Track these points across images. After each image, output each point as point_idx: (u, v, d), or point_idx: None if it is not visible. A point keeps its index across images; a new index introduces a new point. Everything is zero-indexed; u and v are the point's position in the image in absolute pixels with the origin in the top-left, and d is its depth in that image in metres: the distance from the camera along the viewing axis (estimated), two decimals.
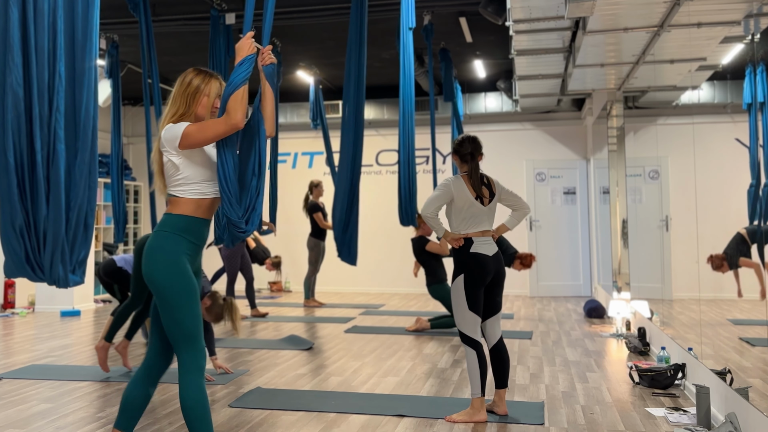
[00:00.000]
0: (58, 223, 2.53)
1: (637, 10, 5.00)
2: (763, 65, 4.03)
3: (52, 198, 2.54)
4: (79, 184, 2.61)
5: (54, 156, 2.54)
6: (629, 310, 7.04)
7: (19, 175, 2.51)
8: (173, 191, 2.72)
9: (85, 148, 2.64)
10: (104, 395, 4.52)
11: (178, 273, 2.60)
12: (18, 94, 2.49)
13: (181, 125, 2.68)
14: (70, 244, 2.60)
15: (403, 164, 6.43)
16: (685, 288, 5.99)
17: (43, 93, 2.54)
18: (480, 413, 3.86)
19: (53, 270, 2.57)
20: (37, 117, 2.52)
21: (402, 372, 5.19)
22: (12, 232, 2.52)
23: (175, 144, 2.64)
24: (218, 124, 2.63)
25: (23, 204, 2.53)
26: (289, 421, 3.90)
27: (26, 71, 2.51)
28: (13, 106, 2.48)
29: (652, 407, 4.13)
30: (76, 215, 2.60)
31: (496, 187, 4.11)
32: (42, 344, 6.44)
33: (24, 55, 2.51)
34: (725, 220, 5.00)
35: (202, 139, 2.63)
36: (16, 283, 9.14)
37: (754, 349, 4.52)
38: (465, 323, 3.92)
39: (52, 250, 2.55)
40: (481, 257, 3.92)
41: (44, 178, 2.54)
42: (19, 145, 2.50)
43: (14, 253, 2.55)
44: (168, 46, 8.45)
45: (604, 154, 8.61)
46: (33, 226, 2.54)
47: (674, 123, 6.32)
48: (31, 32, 2.51)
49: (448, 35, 7.84)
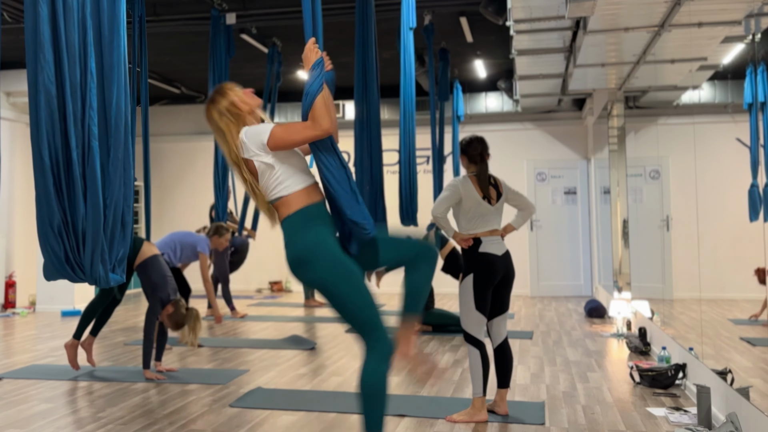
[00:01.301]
0: (96, 221, 2.49)
1: (637, 9, 5.00)
2: (764, 65, 4.02)
3: (89, 196, 2.50)
4: (114, 182, 2.58)
5: (89, 154, 2.51)
6: (630, 309, 7.03)
7: (56, 175, 2.48)
8: (278, 193, 2.66)
9: (117, 144, 2.60)
10: (104, 395, 4.52)
11: (336, 264, 2.57)
12: (51, 91, 2.45)
13: (264, 127, 2.66)
14: (108, 242, 2.57)
15: (403, 164, 6.43)
16: (685, 288, 5.98)
17: (76, 90, 2.51)
18: (481, 413, 3.86)
19: (93, 269, 2.53)
20: (71, 114, 2.48)
21: (402, 372, 5.19)
22: (51, 233, 2.48)
23: (262, 143, 2.62)
24: (306, 129, 2.60)
25: (60, 203, 2.49)
26: (289, 421, 3.90)
27: (58, 68, 2.48)
28: (46, 104, 2.44)
29: (652, 407, 4.12)
30: (113, 213, 2.57)
31: (503, 187, 4.12)
32: (43, 344, 6.44)
33: (55, 52, 2.48)
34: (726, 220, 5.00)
35: (290, 143, 2.62)
36: (17, 283, 9.15)
37: (755, 348, 4.52)
38: (470, 322, 3.92)
39: (92, 250, 2.51)
40: (490, 257, 3.92)
41: (81, 177, 2.50)
42: (54, 143, 2.47)
43: (54, 254, 2.50)
44: (168, 46, 8.44)
45: (604, 154, 8.61)
46: (71, 225, 2.50)
47: (675, 123, 6.32)
48: (61, 29, 2.48)
49: (449, 35, 7.84)
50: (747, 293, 4.69)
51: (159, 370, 5.09)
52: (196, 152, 11.50)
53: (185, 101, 11.64)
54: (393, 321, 2.77)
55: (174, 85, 10.62)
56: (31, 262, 9.28)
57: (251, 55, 8.44)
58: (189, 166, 11.74)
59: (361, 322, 2.61)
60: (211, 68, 6.68)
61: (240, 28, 7.47)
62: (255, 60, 8.77)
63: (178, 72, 10.09)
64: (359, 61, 4.78)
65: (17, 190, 9.36)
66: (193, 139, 11.68)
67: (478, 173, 4.05)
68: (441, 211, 3.97)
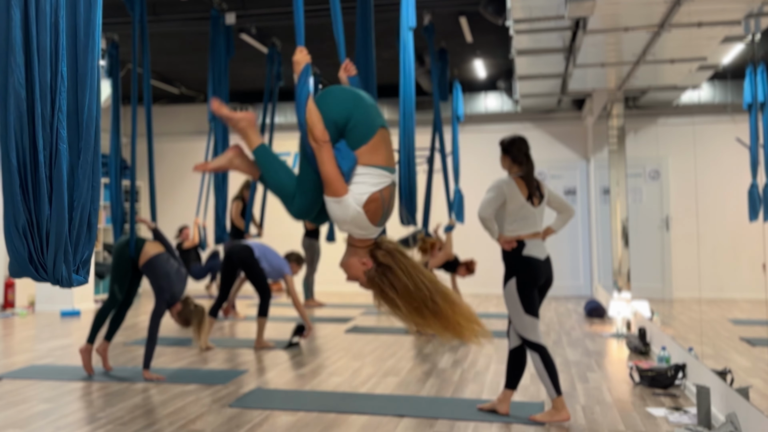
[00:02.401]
0: (61, 222, 2.54)
1: (637, 9, 5.00)
2: (764, 65, 4.02)
3: (54, 198, 2.55)
4: (82, 184, 2.62)
5: (56, 156, 2.56)
6: (630, 310, 7.03)
7: (22, 176, 2.53)
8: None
9: (88, 147, 2.64)
10: (104, 395, 4.52)
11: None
12: (20, 94, 2.50)
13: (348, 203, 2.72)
14: (73, 244, 2.61)
15: (403, 164, 6.42)
16: (685, 288, 5.99)
17: (46, 93, 2.55)
18: (561, 413, 3.83)
19: (56, 270, 2.57)
20: (40, 117, 2.53)
21: (402, 372, 5.19)
22: (15, 233, 2.53)
23: (353, 207, 2.69)
24: (317, 151, 2.68)
25: (26, 204, 2.54)
26: (289, 422, 3.90)
27: (28, 72, 2.53)
28: (15, 107, 2.50)
29: (652, 407, 4.12)
30: (79, 215, 2.61)
31: (545, 189, 4.08)
32: (42, 344, 6.44)
33: (26, 56, 2.52)
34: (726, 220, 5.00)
35: (325, 173, 2.68)
36: (16, 283, 9.14)
37: (755, 349, 4.52)
38: (524, 327, 3.88)
39: (55, 250, 2.55)
40: (533, 261, 3.89)
41: (47, 178, 2.55)
42: (22, 145, 2.52)
43: (18, 254, 2.56)
44: (168, 46, 8.44)
45: (604, 154, 8.61)
46: (36, 226, 2.55)
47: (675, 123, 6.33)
48: (33, 32, 2.52)
49: (449, 35, 7.84)
50: (747, 293, 4.70)
51: (147, 378, 4.98)
52: (196, 152, 11.45)
53: (185, 101, 11.64)
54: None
55: (174, 85, 10.62)
56: None
57: (251, 55, 8.44)
58: (188, 166, 11.69)
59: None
60: (210, 68, 6.68)
61: (240, 28, 7.46)
62: (255, 60, 8.77)
63: (177, 72, 10.10)
64: (360, 61, 4.78)
65: None
66: (193, 139, 11.69)
67: (525, 174, 3.98)
68: (488, 213, 3.92)
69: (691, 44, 5.37)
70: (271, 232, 9.53)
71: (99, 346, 5.18)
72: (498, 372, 5.14)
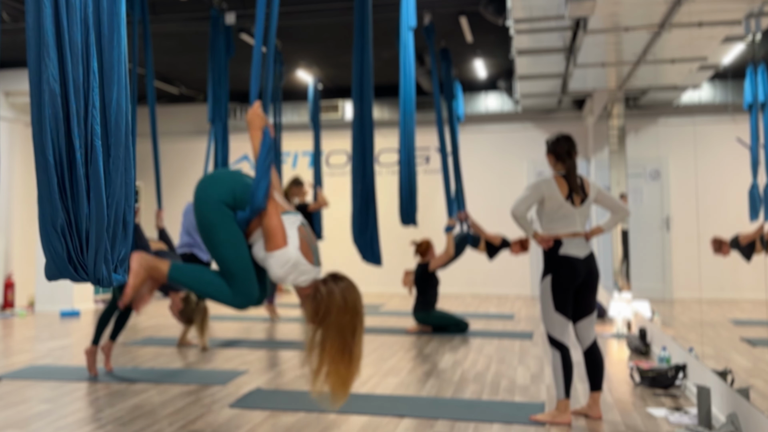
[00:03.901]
0: (100, 221, 2.48)
1: (637, 9, 5.00)
2: (764, 65, 4.02)
3: (93, 196, 2.48)
4: (115, 182, 2.57)
5: (92, 153, 2.49)
6: (630, 310, 7.03)
7: (59, 174, 2.46)
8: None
9: (118, 144, 2.59)
10: (104, 395, 4.52)
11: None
12: (55, 90, 2.44)
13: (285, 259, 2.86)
14: (111, 242, 2.56)
15: (403, 164, 6.42)
16: (686, 288, 5.98)
17: (79, 89, 2.49)
18: (564, 415, 3.82)
19: (97, 269, 2.52)
20: (74, 114, 2.46)
21: (402, 372, 5.19)
22: (53, 233, 2.46)
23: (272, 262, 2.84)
24: (264, 218, 2.83)
25: (64, 203, 2.47)
26: (289, 422, 3.89)
27: (61, 67, 2.47)
28: (50, 103, 2.43)
29: (653, 407, 4.12)
30: (114, 213, 2.56)
31: (591, 189, 4.00)
32: (42, 344, 6.44)
33: (59, 51, 2.47)
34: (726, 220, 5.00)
35: (267, 236, 2.84)
36: (16, 284, 9.14)
37: (755, 349, 4.52)
38: (552, 325, 3.88)
39: (95, 250, 2.50)
40: (570, 259, 3.85)
41: (84, 176, 2.49)
42: (58, 142, 2.45)
43: (56, 254, 2.49)
44: (168, 46, 8.44)
45: (604, 154, 8.61)
46: (75, 225, 2.49)
47: (675, 123, 6.32)
48: (64, 27, 2.47)
49: (449, 35, 7.84)
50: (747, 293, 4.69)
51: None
52: (196, 152, 11.48)
53: (185, 101, 11.63)
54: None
55: (174, 85, 10.61)
56: (30, 262, 9.28)
57: (251, 55, 8.43)
58: (188, 166, 11.72)
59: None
60: (210, 68, 6.67)
61: (240, 28, 7.46)
62: None
63: (177, 72, 10.09)
64: (357, 61, 4.77)
65: (16, 190, 9.36)
66: (193, 139, 11.69)
67: (567, 173, 3.95)
68: (521, 210, 3.89)
69: (691, 44, 5.36)
70: None
71: (104, 345, 5.18)
72: (498, 372, 5.13)
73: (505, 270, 10.39)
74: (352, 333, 2.79)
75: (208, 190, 2.85)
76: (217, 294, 2.81)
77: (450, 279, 9.56)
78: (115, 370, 5.22)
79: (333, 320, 2.78)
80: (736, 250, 4.46)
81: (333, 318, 2.78)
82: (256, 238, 2.86)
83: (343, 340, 2.76)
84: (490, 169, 10.95)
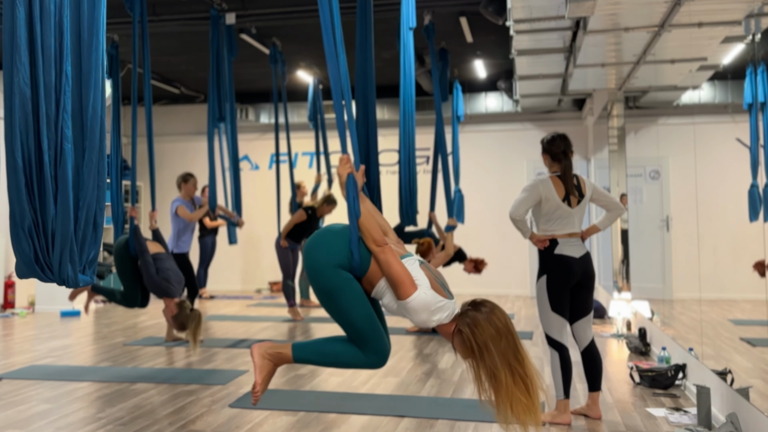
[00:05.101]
0: (66, 222, 2.52)
1: (637, 9, 5.00)
2: (764, 65, 4.02)
3: (60, 198, 2.53)
4: (88, 184, 2.60)
5: (62, 156, 2.54)
6: (630, 310, 7.03)
7: (28, 175, 2.51)
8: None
9: (92, 147, 2.63)
10: (104, 395, 4.52)
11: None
12: (25, 94, 2.49)
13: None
14: (79, 243, 2.59)
15: (403, 164, 6.42)
16: (685, 288, 5.99)
17: (50, 92, 2.54)
18: (563, 415, 3.82)
19: (62, 270, 2.56)
20: (44, 117, 2.51)
21: (402, 372, 5.19)
22: (21, 233, 2.52)
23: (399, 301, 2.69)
24: (379, 255, 2.68)
25: (32, 204, 2.52)
26: (289, 422, 3.90)
27: (33, 71, 2.51)
28: (20, 106, 2.48)
29: (652, 407, 4.12)
30: (84, 214, 2.59)
31: (587, 188, 3.98)
32: (42, 344, 6.44)
33: (31, 55, 2.51)
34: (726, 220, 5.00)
35: (387, 275, 2.70)
36: (16, 284, 9.14)
37: (755, 349, 4.52)
38: (549, 325, 3.88)
39: (60, 250, 2.54)
40: (565, 259, 3.85)
41: (52, 178, 2.54)
42: (27, 145, 2.50)
43: (24, 254, 2.55)
44: (168, 46, 8.44)
45: (604, 154, 8.61)
46: (41, 226, 2.54)
47: (675, 123, 6.32)
48: (37, 31, 2.51)
49: (449, 35, 7.84)
50: (747, 293, 4.69)
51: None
52: (196, 152, 11.50)
53: (185, 101, 11.63)
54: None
55: (173, 85, 10.61)
56: None
57: (251, 55, 8.44)
58: (188, 166, 11.70)
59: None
60: (211, 68, 6.68)
61: (240, 28, 7.46)
62: (255, 60, 8.77)
63: (177, 72, 10.09)
64: (360, 61, 4.76)
65: None
66: (193, 139, 11.69)
67: (562, 173, 3.92)
68: (520, 213, 3.88)
69: (691, 44, 5.37)
70: (272, 236, 9.51)
71: (92, 294, 5.59)
72: None
73: (504, 270, 10.39)
74: (515, 355, 2.56)
75: (317, 257, 2.69)
76: (350, 362, 2.71)
77: (450, 279, 9.52)
78: (115, 369, 5.23)
79: (492, 351, 2.56)
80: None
81: (492, 349, 2.56)
82: (381, 289, 2.70)
83: (511, 368, 2.54)
84: (489, 169, 10.95)
